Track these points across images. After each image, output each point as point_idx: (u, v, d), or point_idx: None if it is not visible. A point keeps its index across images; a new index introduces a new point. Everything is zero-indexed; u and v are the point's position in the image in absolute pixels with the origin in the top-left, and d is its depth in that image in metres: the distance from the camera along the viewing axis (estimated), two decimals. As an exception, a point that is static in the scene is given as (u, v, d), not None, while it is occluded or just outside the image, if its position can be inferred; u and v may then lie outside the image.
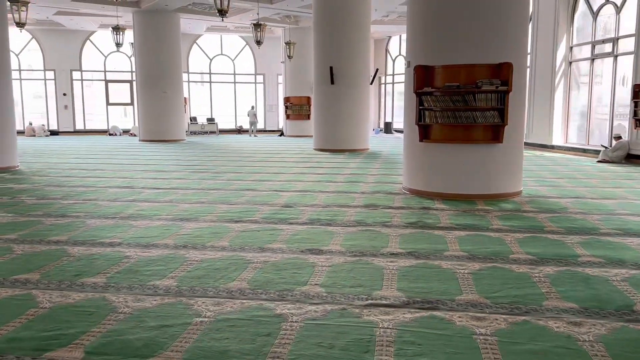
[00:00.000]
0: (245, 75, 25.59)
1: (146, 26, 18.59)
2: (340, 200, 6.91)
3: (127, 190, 7.74)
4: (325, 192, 7.52)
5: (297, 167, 10.82)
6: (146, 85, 18.88)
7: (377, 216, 5.84)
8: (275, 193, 7.45)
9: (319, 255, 4.30)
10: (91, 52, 24.00)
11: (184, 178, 9.12)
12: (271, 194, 7.35)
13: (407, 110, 7.44)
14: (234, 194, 7.42)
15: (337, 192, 7.58)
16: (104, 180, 8.79)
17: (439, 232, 5.07)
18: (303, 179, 8.89)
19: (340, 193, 7.46)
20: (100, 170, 10.23)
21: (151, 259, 4.21)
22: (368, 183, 8.46)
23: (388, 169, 10.48)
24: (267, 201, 6.80)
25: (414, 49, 7.18)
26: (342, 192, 7.58)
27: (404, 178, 7.75)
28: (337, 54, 14.32)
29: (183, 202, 6.81)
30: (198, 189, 7.92)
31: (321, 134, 14.94)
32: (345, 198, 7.04)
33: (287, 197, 7.14)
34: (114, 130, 23.42)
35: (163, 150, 15.44)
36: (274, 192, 7.57)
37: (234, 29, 23.15)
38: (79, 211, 6.18)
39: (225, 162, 11.78)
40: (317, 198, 7.04)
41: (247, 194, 7.41)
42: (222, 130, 24.71)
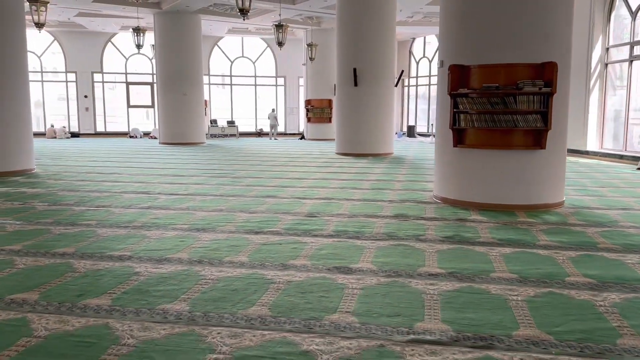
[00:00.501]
0: (266, 77, 25.28)
1: (167, 28, 18.38)
2: (367, 209, 6.44)
3: (142, 196, 7.38)
4: (350, 200, 7.06)
5: (320, 172, 10.38)
6: (166, 87, 18.66)
7: (408, 228, 5.36)
8: (297, 201, 7.01)
9: (348, 274, 3.84)
10: (112, 54, 23.95)
11: (202, 183, 8.75)
12: (293, 202, 6.92)
13: (439, 113, 6.94)
14: (254, 201, 7.01)
15: (363, 200, 7.11)
16: (120, 185, 8.47)
17: (480, 249, 4.57)
18: (326, 186, 8.45)
19: (366, 201, 7.00)
20: (117, 174, 9.93)
21: (163, 276, 3.80)
22: (395, 190, 7.97)
23: (415, 175, 9.97)
24: (289, 210, 6.37)
25: (448, 47, 6.68)
26: (368, 200, 7.11)
27: (435, 186, 7.24)
28: (361, 55, 13.87)
29: (200, 209, 6.42)
30: (216, 195, 7.53)
31: (344, 138, 14.49)
32: (373, 207, 6.57)
33: (311, 205, 6.69)
34: (135, 133, 23.31)
35: (182, 153, 15.15)
36: (296, 199, 7.14)
37: (255, 31, 22.86)
38: (91, 219, 5.83)
39: (245, 167, 11.40)
40: (343, 207, 6.58)
41: (267, 201, 6.99)
42: (242, 133, 24.43)
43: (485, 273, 3.86)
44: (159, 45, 18.66)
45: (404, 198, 7.24)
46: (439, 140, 6.98)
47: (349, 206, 6.62)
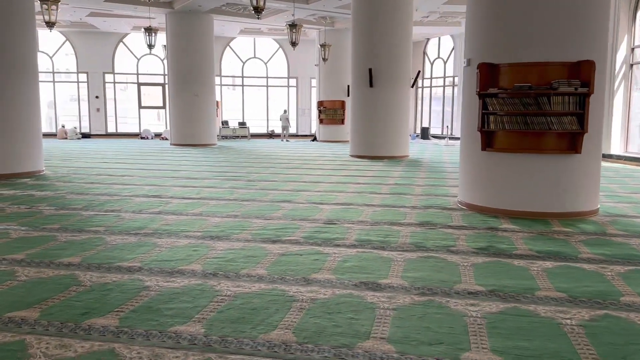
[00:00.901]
0: (278, 78, 25.00)
1: (179, 28, 18.15)
2: (389, 216, 6.09)
3: (154, 200, 7.09)
4: (370, 206, 6.71)
5: (335, 175, 10.04)
6: (178, 88, 18.43)
7: (437, 238, 5.01)
8: (314, 206, 6.68)
9: (377, 291, 3.50)
10: (124, 55, 23.79)
11: (215, 187, 8.44)
12: (310, 207, 6.58)
13: (465, 114, 6.58)
14: (269, 206, 6.68)
15: (384, 206, 6.76)
16: (130, 188, 8.18)
17: (519, 262, 4.20)
18: (343, 190, 8.10)
19: (388, 207, 6.64)
20: (127, 177, 9.65)
21: (175, 291, 3.48)
22: (417, 195, 7.61)
23: (435, 179, 9.59)
24: (306, 216, 6.03)
25: (476, 44, 6.32)
26: (389, 206, 6.75)
27: (460, 191, 6.87)
28: (377, 55, 13.52)
29: (214, 215, 6.10)
30: (230, 199, 7.21)
31: (358, 140, 14.15)
32: (395, 214, 6.22)
33: (329, 211, 6.36)
34: (146, 134, 23.12)
35: (194, 154, 14.88)
36: (313, 204, 6.80)
37: (267, 32, 22.59)
38: (99, 225, 5.54)
39: (258, 169, 11.09)
40: (363, 213, 6.23)
41: (283, 206, 6.66)
42: (254, 134, 24.16)
43: (529, 291, 3.50)
44: (170, 46, 18.43)
45: (427, 204, 6.87)
46: (465, 143, 6.61)
47: (369, 212, 6.28)
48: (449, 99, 23.50)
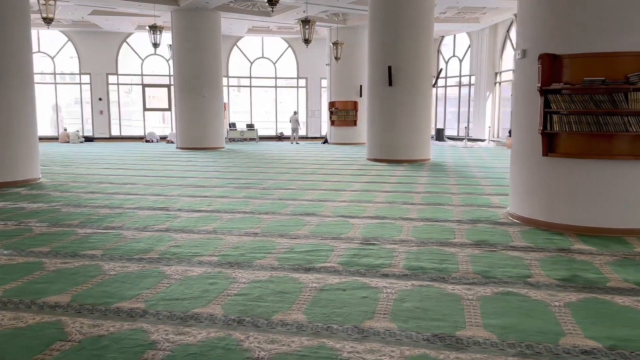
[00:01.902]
0: (287, 79, 24.16)
1: (185, 26, 17.34)
2: (435, 233, 5.21)
3: (160, 214, 6.24)
4: (408, 220, 5.84)
5: (357, 182, 9.18)
6: (184, 89, 17.61)
7: (505, 264, 4.13)
8: (344, 221, 5.81)
9: (460, 349, 2.63)
10: (128, 55, 23.04)
11: (227, 196, 7.59)
12: (340, 222, 5.72)
13: (519, 113, 5.71)
14: (292, 221, 5.82)
15: (424, 220, 5.88)
16: (134, 199, 7.34)
17: (622, 300, 3.32)
18: (371, 199, 7.24)
19: (429, 222, 5.77)
20: (131, 185, 8.82)
21: (189, 351, 2.62)
22: (457, 207, 6.73)
23: (469, 185, 8.70)
24: (338, 233, 5.17)
25: (533, 32, 5.44)
26: (431, 220, 5.87)
27: (512, 202, 5.99)
28: (396, 52, 12.65)
29: (229, 232, 5.25)
30: (246, 212, 6.36)
31: (376, 142, 13.27)
32: (441, 230, 5.34)
33: (362, 227, 5.49)
34: (151, 137, 22.33)
35: (201, 159, 14.05)
36: (341, 218, 5.94)
37: (276, 30, 21.77)
38: (97, 246, 4.69)
39: (271, 175, 10.23)
40: (403, 229, 5.37)
41: (308, 220, 5.80)
42: (262, 137, 23.33)
43: (664, 350, 2.62)
44: (176, 45, 17.62)
45: (472, 217, 6.00)
46: (519, 147, 5.73)
47: (410, 228, 5.40)
48: (465, 99, 22.60)
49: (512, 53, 19.72)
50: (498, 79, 20.70)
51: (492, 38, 20.50)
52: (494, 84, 20.83)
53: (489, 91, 20.88)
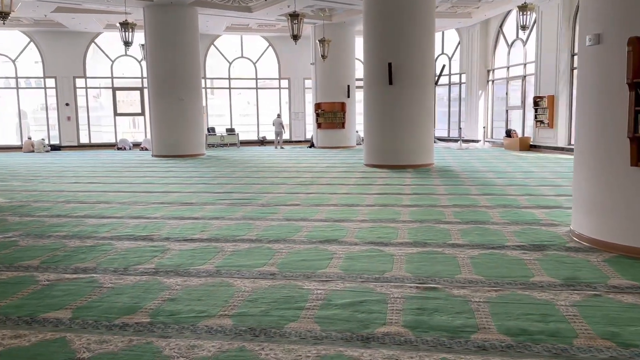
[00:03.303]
0: (268, 80, 22.91)
1: (159, 23, 15.96)
2: (504, 268, 4.09)
3: (143, 246, 4.98)
4: (458, 248, 4.71)
5: (367, 193, 8.04)
6: (160, 92, 16.22)
7: (628, 318, 3.03)
8: (376, 250, 4.66)
9: None
10: (97, 57, 21.48)
11: (222, 217, 6.36)
12: (372, 253, 4.57)
13: (591, 113, 4.64)
14: (313, 251, 4.64)
15: (477, 247, 4.76)
16: (109, 224, 6.05)
17: None
18: (394, 217, 6.10)
19: (486, 250, 4.65)
20: (104, 204, 7.49)
21: None
22: (502, 225, 5.64)
23: (496, 196, 7.64)
24: (379, 271, 4.02)
25: (613, 10, 4.37)
26: (485, 246, 4.75)
27: (578, 221, 4.92)
28: (397, 48, 11.58)
29: (239, 273, 4.04)
30: (252, 239, 5.15)
31: (375, 146, 12.17)
32: (508, 262, 4.23)
33: (405, 259, 4.35)
34: (123, 144, 20.80)
35: (182, 168, 12.72)
36: (372, 246, 4.79)
37: (256, 28, 20.50)
38: (62, 305, 3.43)
39: (266, 186, 9.02)
40: (460, 262, 4.23)
41: (332, 251, 4.63)
42: (243, 141, 22.03)
43: None
44: (150, 45, 16.22)
45: (532, 240, 4.91)
46: (594, 155, 4.65)
47: (467, 261, 4.27)
48: (455, 99, 21.71)
49: (505, 50, 18.90)
50: (490, 77, 19.87)
51: (483, 34, 19.65)
52: (486, 82, 19.99)
53: (481, 90, 20.03)
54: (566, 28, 14.97)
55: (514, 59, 18.46)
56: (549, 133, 15.80)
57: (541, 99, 15.86)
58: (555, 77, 15.30)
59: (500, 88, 19.62)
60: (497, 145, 18.74)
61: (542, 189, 8.24)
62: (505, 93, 19.08)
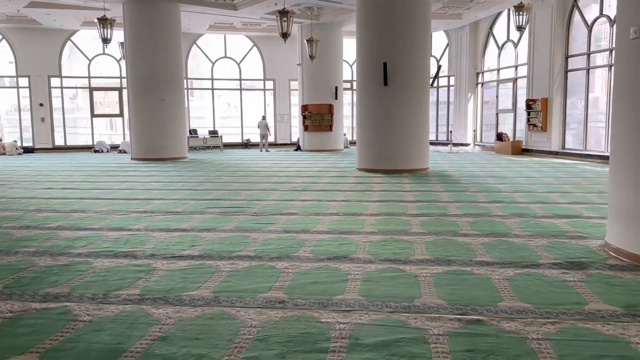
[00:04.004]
0: (252, 80, 22.24)
1: (140, 20, 15.21)
2: (552, 293, 3.55)
3: (125, 265, 4.32)
4: (487, 266, 4.16)
5: (366, 200, 7.47)
6: (140, 92, 15.45)
7: None
8: (397, 270, 4.08)
9: None
10: (73, 55, 20.57)
11: (214, 228, 5.71)
12: (393, 273, 3.99)
13: (628, 114, 4.13)
14: (323, 272, 4.03)
15: (510, 265, 4.21)
16: (86, 237, 5.35)
17: None
18: (404, 229, 5.54)
19: (520, 269, 4.10)
20: (80, 213, 6.77)
21: None
22: (527, 238, 5.11)
23: (508, 204, 7.13)
24: (407, 297, 3.44)
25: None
26: (518, 264, 4.21)
27: (615, 232, 4.41)
28: (392, 47, 11.07)
29: (241, 301, 3.42)
30: (250, 256, 4.52)
31: (369, 150, 11.62)
32: (551, 285, 3.69)
33: (432, 281, 3.78)
34: (100, 147, 19.91)
35: (164, 172, 12.00)
36: (390, 265, 4.21)
37: (240, 27, 19.84)
38: (25, 346, 2.77)
39: (256, 193, 8.39)
40: (495, 283, 3.68)
41: (345, 271, 4.04)
42: (227, 144, 21.32)
43: None
44: (130, 43, 15.44)
45: (566, 256, 4.38)
46: (627, 160, 4.15)
47: (504, 283, 3.72)
48: (443, 102, 21.32)
49: (495, 52, 18.57)
50: (480, 80, 19.52)
51: (472, 36, 19.30)
52: (475, 85, 19.63)
53: (471, 93, 19.67)
54: (560, 29, 14.65)
55: (505, 61, 18.14)
56: (542, 137, 15.46)
57: (534, 102, 15.52)
58: (549, 80, 14.97)
59: (489, 91, 19.29)
60: (487, 149, 18.39)
61: (552, 196, 7.77)
62: (495, 96, 18.74)
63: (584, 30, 14.40)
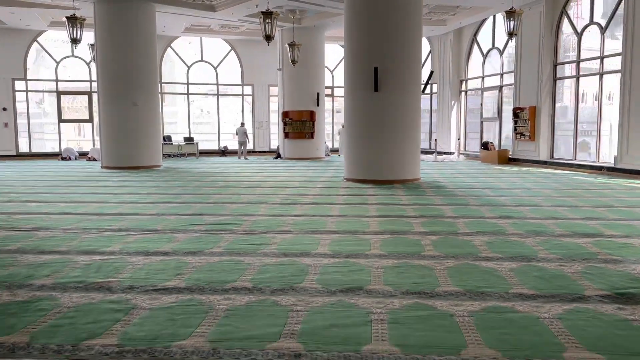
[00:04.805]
0: (229, 86, 21.49)
1: (112, 21, 14.35)
2: (606, 336, 2.98)
3: (97, 300, 3.59)
4: (525, 300, 3.58)
5: (365, 216, 6.87)
6: (111, 97, 14.58)
7: None
8: (422, 306, 3.47)
9: None
10: (39, 57, 19.49)
11: (200, 251, 5.00)
12: (417, 308, 3.38)
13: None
14: (339, 311, 3.39)
15: (547, 299, 3.64)
16: (50, 264, 4.58)
17: None
18: (417, 251, 4.94)
19: (558, 302, 3.54)
20: (45, 231, 5.97)
21: None
22: (553, 261, 4.56)
23: (518, 220, 6.60)
24: (447, 346, 2.83)
25: None
26: (556, 298, 3.64)
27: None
28: (383, 51, 10.53)
29: (244, 350, 2.76)
30: (247, 287, 3.85)
31: (358, 159, 11.04)
32: (602, 324, 3.12)
33: (470, 322, 3.18)
34: (68, 154, 18.85)
35: (137, 182, 11.18)
36: (413, 298, 3.60)
37: (218, 30, 19.10)
38: None
39: (243, 207, 7.70)
40: (546, 325, 3.09)
41: (362, 306, 3.42)
42: (203, 151, 20.51)
43: None
44: (101, 44, 14.55)
45: (610, 286, 3.83)
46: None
47: (555, 323, 3.13)
48: (425, 110, 20.94)
49: (479, 59, 18.28)
50: (464, 87, 19.21)
51: (456, 43, 18.99)
52: (458, 93, 19.31)
53: (454, 100, 19.34)
54: (548, 37, 14.39)
55: (489, 68, 17.86)
56: (530, 146, 15.15)
57: (522, 111, 15.22)
58: (537, 88, 14.68)
59: (474, 99, 18.99)
60: (471, 158, 18.05)
61: (560, 210, 7.29)
62: (479, 104, 18.44)
63: (574, 38, 14.19)
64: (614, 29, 12.95)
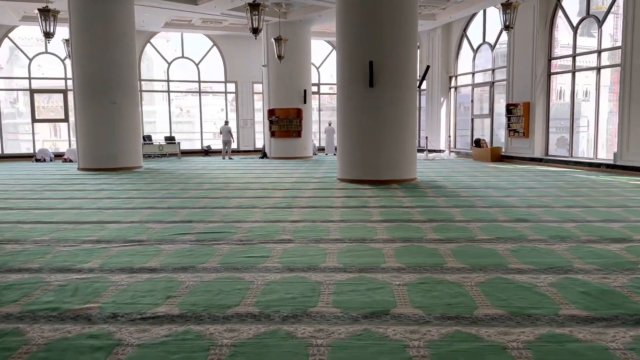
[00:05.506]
0: (212, 83, 20.79)
1: (88, 15, 13.57)
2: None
3: (75, 333, 2.98)
4: (581, 324, 3.07)
5: (368, 220, 6.32)
6: (88, 95, 13.80)
7: None
8: (464, 336, 2.94)
9: None
10: (11, 54, 18.54)
11: (192, 266, 4.40)
12: (463, 344, 2.84)
13: None
14: (366, 343, 2.83)
15: (601, 322, 3.13)
16: (19, 284, 3.93)
17: None
18: (437, 262, 4.42)
19: (619, 325, 3.04)
20: (14, 245, 5.29)
21: None
22: (592, 273, 4.08)
23: (533, 223, 6.14)
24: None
25: None
26: (615, 321, 3.14)
27: None
28: (378, 45, 10.01)
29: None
30: (252, 313, 3.27)
31: (352, 158, 10.50)
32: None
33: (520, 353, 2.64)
34: (43, 155, 17.96)
35: (117, 185, 10.47)
36: (449, 324, 3.06)
37: (200, 25, 18.38)
38: None
39: (233, 212, 7.10)
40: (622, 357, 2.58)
41: (393, 337, 2.87)
42: (185, 151, 19.78)
43: None
44: (76, 39, 13.75)
45: (674, 305, 3.35)
46: None
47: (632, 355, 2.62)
48: (414, 106, 20.52)
49: (469, 55, 17.90)
50: (453, 84, 18.81)
51: (445, 38, 18.59)
52: (448, 89, 18.91)
53: (444, 97, 18.94)
54: (543, 31, 14.02)
55: (480, 64, 17.49)
56: (524, 143, 14.79)
57: (515, 107, 14.85)
58: (532, 83, 14.32)
59: (464, 96, 18.61)
60: (462, 156, 17.66)
61: (575, 212, 6.85)
62: (470, 100, 18.06)
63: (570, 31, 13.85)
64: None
